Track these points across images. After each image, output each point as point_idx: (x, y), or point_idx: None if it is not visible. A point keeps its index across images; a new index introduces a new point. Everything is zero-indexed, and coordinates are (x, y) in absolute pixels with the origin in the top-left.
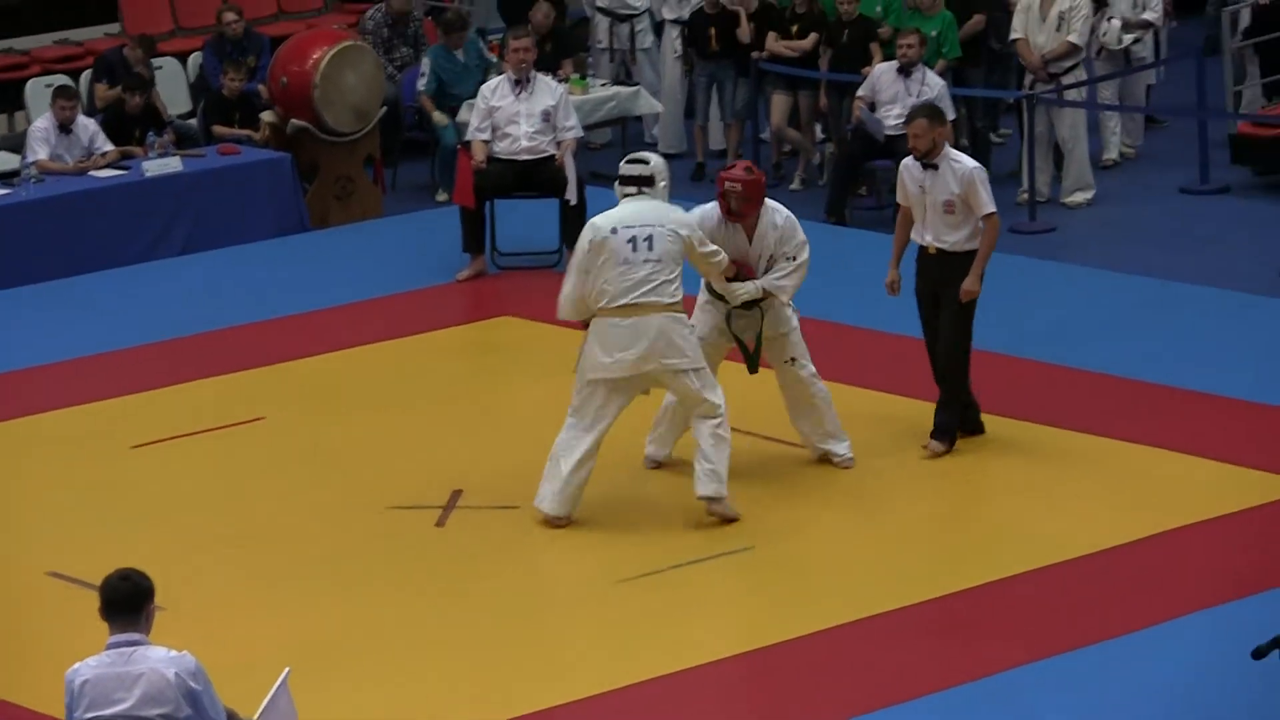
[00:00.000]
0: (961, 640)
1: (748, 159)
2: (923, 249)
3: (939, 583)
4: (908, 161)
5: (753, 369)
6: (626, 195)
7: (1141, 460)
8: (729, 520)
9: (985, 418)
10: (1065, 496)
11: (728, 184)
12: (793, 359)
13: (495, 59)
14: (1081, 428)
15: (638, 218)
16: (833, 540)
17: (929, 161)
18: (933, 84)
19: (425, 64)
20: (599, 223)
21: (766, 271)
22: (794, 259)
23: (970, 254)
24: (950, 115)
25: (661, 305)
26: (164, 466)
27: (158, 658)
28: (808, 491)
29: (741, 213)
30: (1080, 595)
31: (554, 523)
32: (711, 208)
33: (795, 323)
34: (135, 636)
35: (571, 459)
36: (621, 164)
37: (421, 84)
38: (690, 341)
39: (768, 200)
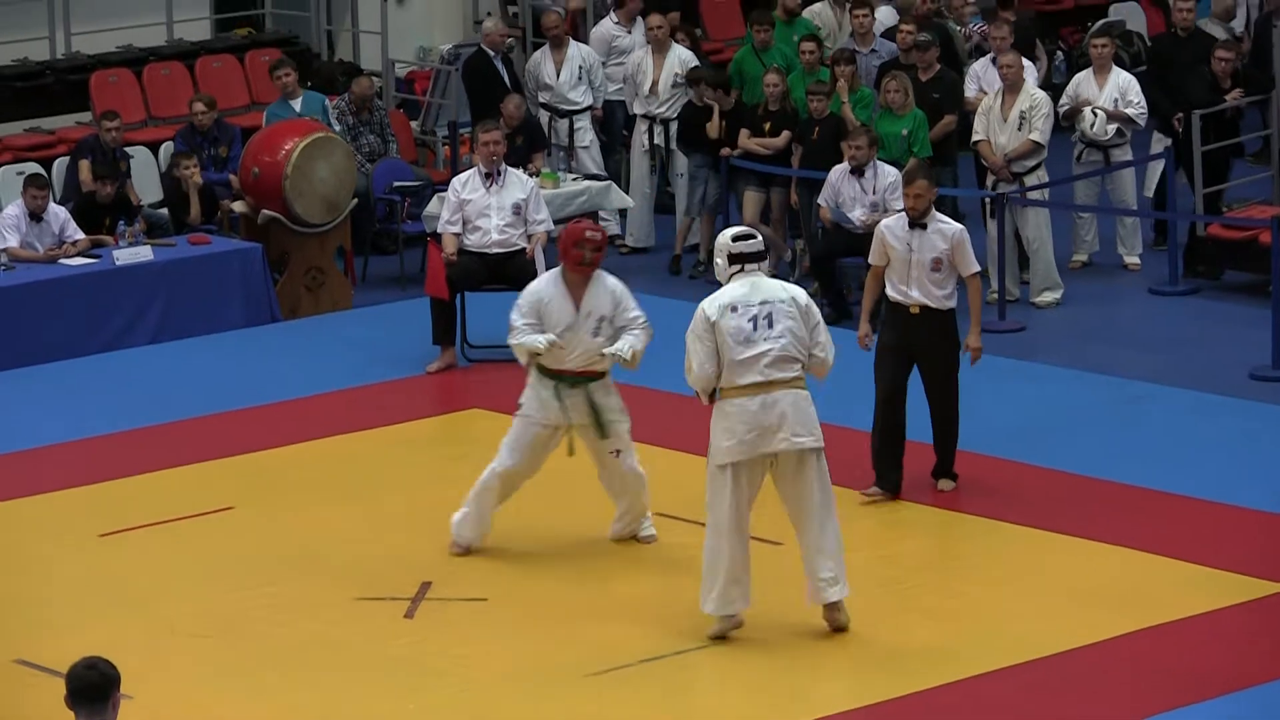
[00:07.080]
0: None
1: None
2: (904, 308)
3: (900, 681)
4: (889, 222)
5: (603, 434)
6: (735, 275)
7: (1108, 560)
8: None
9: (951, 515)
10: (1031, 595)
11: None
12: (617, 450)
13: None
14: (1048, 526)
15: (756, 294)
16: (797, 635)
17: (920, 221)
18: (886, 174)
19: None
20: (710, 306)
21: (596, 336)
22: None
23: (949, 312)
24: None
25: (786, 381)
26: (132, 555)
27: None
28: (773, 586)
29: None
30: (1045, 695)
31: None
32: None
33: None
34: None
35: (719, 564)
36: (730, 242)
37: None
38: (816, 422)
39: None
